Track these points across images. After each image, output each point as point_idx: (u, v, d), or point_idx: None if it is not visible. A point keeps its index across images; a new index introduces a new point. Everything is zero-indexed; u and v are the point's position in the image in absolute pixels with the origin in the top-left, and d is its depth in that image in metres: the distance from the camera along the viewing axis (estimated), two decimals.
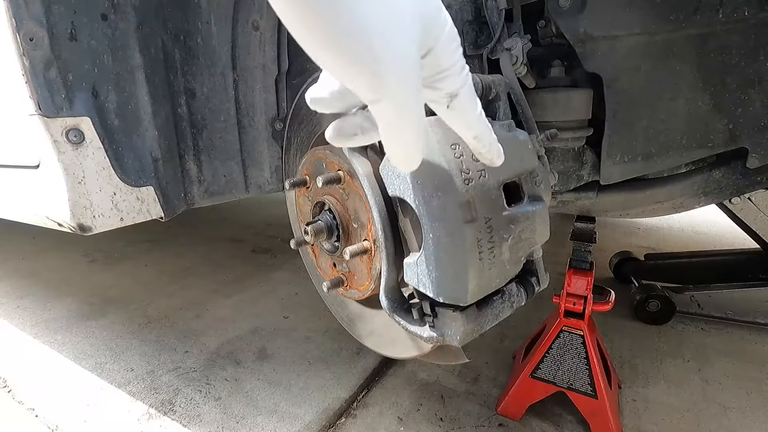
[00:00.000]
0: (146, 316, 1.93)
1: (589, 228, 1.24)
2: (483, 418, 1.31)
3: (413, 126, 0.37)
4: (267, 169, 1.18)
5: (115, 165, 0.86)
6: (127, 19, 0.82)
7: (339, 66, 0.32)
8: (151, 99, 0.88)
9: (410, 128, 0.37)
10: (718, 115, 0.83)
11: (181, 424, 1.29)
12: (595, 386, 1.20)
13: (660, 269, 2.15)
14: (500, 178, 0.58)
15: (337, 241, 0.78)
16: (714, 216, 3.32)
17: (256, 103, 1.11)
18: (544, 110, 0.87)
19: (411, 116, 0.37)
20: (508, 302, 0.64)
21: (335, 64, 0.32)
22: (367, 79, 0.32)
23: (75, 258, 2.64)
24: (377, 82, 0.33)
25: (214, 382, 1.48)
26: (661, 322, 1.86)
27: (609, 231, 3.25)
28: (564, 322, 1.22)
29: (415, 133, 0.38)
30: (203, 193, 1.08)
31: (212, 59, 1.01)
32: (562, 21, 0.81)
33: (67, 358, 1.62)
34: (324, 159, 0.77)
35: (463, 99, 0.43)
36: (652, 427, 1.29)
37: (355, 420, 1.32)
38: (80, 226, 0.84)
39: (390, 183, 0.59)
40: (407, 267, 0.61)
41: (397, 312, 0.66)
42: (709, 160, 0.96)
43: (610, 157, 0.90)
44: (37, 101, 0.74)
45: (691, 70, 0.81)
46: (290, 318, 1.93)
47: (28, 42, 0.71)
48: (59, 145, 0.78)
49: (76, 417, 1.32)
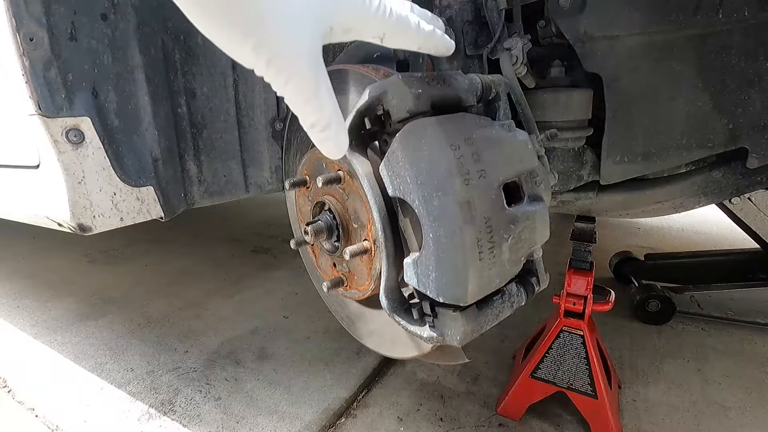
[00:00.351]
0: (146, 316, 1.93)
1: (589, 228, 1.24)
2: (483, 418, 1.31)
3: (308, 99, 0.38)
4: (267, 169, 1.18)
5: (115, 165, 0.86)
6: (127, 19, 0.82)
7: (228, 35, 0.35)
8: (151, 99, 0.88)
9: (304, 101, 0.38)
10: (718, 115, 0.83)
11: (181, 424, 1.29)
12: (595, 386, 1.20)
13: (660, 269, 2.15)
14: (500, 178, 0.58)
15: (337, 241, 0.78)
16: (714, 216, 3.32)
17: (256, 103, 1.11)
18: (544, 110, 0.87)
19: (300, 88, 0.38)
20: (508, 302, 0.64)
21: (225, 36, 0.35)
22: (250, 46, 0.35)
23: (75, 258, 2.64)
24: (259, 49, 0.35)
25: (214, 382, 1.48)
26: (661, 322, 1.86)
27: (609, 231, 3.25)
28: (564, 322, 1.22)
29: (314, 109, 0.39)
30: (203, 193, 1.08)
31: (212, 59, 1.01)
32: (562, 21, 0.81)
33: (67, 358, 1.62)
34: (324, 159, 0.77)
35: (396, 14, 0.46)
36: (652, 427, 1.29)
37: (355, 420, 1.32)
38: (80, 226, 0.84)
39: (390, 183, 0.59)
40: (407, 267, 0.61)
41: (397, 312, 0.66)
42: (709, 160, 0.96)
43: (610, 157, 0.90)
44: (37, 101, 0.74)
45: (691, 70, 0.81)
46: (290, 318, 1.93)
47: (28, 42, 0.71)
48: (59, 145, 0.78)
49: (76, 417, 1.32)
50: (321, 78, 0.39)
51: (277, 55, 0.36)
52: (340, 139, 0.46)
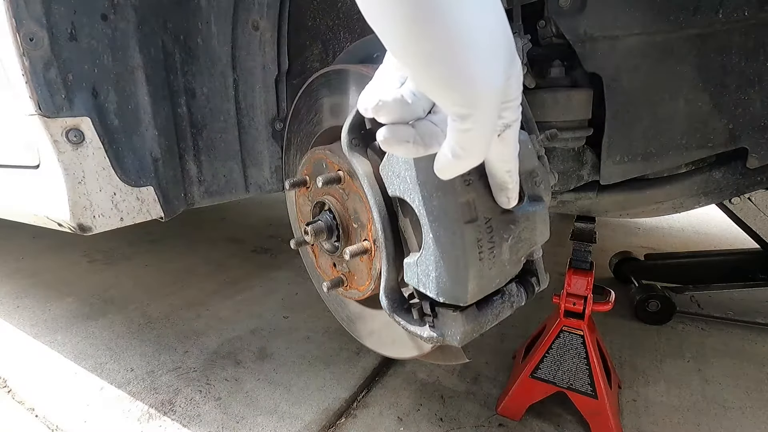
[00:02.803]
0: (146, 316, 1.93)
1: (589, 228, 1.24)
2: (483, 418, 1.31)
3: (486, 144, 0.40)
4: (267, 169, 1.18)
5: (115, 165, 0.86)
6: (127, 19, 0.82)
7: (438, 80, 0.35)
8: (151, 99, 0.88)
9: (483, 145, 0.40)
10: (718, 115, 0.83)
11: (181, 424, 1.29)
12: (595, 386, 1.20)
13: (660, 269, 2.15)
14: None
15: (337, 241, 0.78)
16: (714, 216, 3.32)
17: (256, 103, 1.11)
18: (544, 110, 0.87)
19: (489, 135, 0.40)
20: (508, 302, 0.64)
21: (434, 77, 0.35)
22: (464, 95, 0.35)
23: (75, 258, 2.64)
24: (472, 100, 0.35)
25: (214, 382, 1.48)
26: (661, 322, 1.86)
27: (609, 231, 3.25)
28: (564, 322, 1.22)
29: (484, 150, 0.41)
30: (203, 193, 1.08)
31: (212, 59, 1.01)
32: (562, 21, 0.81)
33: (67, 358, 1.62)
34: (324, 159, 0.77)
35: (513, 131, 0.45)
36: (652, 427, 1.29)
37: (355, 420, 1.32)
38: (80, 226, 0.84)
39: (390, 183, 0.59)
40: (407, 267, 0.61)
41: (397, 312, 0.66)
42: (709, 160, 0.96)
43: (610, 157, 0.90)
44: (37, 101, 0.74)
45: (691, 70, 0.81)
46: (290, 318, 1.93)
47: (28, 42, 0.71)
48: (59, 145, 0.78)
49: (76, 417, 1.32)
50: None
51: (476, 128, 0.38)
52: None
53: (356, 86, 0.73)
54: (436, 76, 0.35)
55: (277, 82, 1.13)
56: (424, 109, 0.44)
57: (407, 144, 0.43)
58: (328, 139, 0.83)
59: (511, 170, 0.50)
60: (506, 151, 0.47)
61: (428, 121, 0.44)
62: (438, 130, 0.43)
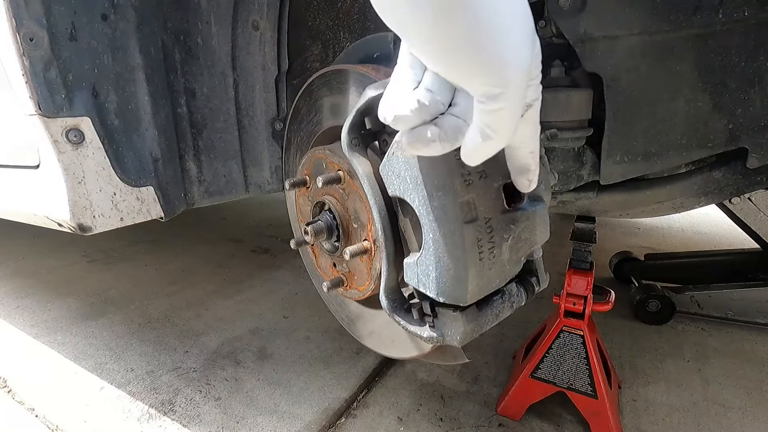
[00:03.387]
0: (146, 316, 1.93)
1: (589, 228, 1.24)
2: (483, 418, 1.31)
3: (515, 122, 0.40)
4: (267, 169, 1.18)
5: (115, 165, 0.86)
6: (127, 19, 0.82)
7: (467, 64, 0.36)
8: (151, 99, 0.88)
9: (512, 124, 0.40)
10: (718, 115, 0.83)
11: (181, 424, 1.29)
12: (595, 386, 1.20)
13: (660, 269, 2.15)
14: (500, 178, 0.58)
15: (337, 241, 0.78)
16: (714, 216, 3.32)
17: (256, 103, 1.11)
18: (544, 110, 0.86)
19: (518, 113, 0.40)
20: (508, 302, 0.64)
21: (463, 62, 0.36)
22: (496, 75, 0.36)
23: (75, 258, 2.64)
24: (503, 79, 0.36)
25: (214, 382, 1.48)
26: (661, 322, 1.86)
27: (609, 231, 3.25)
28: (564, 322, 1.22)
29: (513, 129, 0.41)
30: (203, 193, 1.08)
31: (212, 59, 1.01)
32: (562, 21, 0.81)
33: (67, 358, 1.62)
34: (324, 159, 0.77)
35: (535, 111, 0.45)
36: (652, 427, 1.29)
37: (355, 420, 1.32)
38: (80, 226, 0.84)
39: (390, 183, 0.59)
40: (407, 267, 0.61)
41: (397, 312, 0.66)
42: (709, 160, 0.96)
43: (610, 157, 0.90)
44: (37, 101, 0.74)
45: (691, 70, 0.81)
46: (290, 318, 1.93)
47: (28, 42, 0.71)
48: (59, 145, 0.78)
49: (76, 417, 1.32)
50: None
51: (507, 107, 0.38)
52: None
53: (356, 86, 0.72)
54: (465, 61, 0.35)
55: (277, 82, 1.13)
56: (443, 104, 0.43)
57: (434, 143, 0.42)
58: (328, 139, 0.83)
59: (534, 150, 0.50)
60: (529, 130, 0.47)
61: (450, 115, 0.43)
62: (461, 121, 0.42)
